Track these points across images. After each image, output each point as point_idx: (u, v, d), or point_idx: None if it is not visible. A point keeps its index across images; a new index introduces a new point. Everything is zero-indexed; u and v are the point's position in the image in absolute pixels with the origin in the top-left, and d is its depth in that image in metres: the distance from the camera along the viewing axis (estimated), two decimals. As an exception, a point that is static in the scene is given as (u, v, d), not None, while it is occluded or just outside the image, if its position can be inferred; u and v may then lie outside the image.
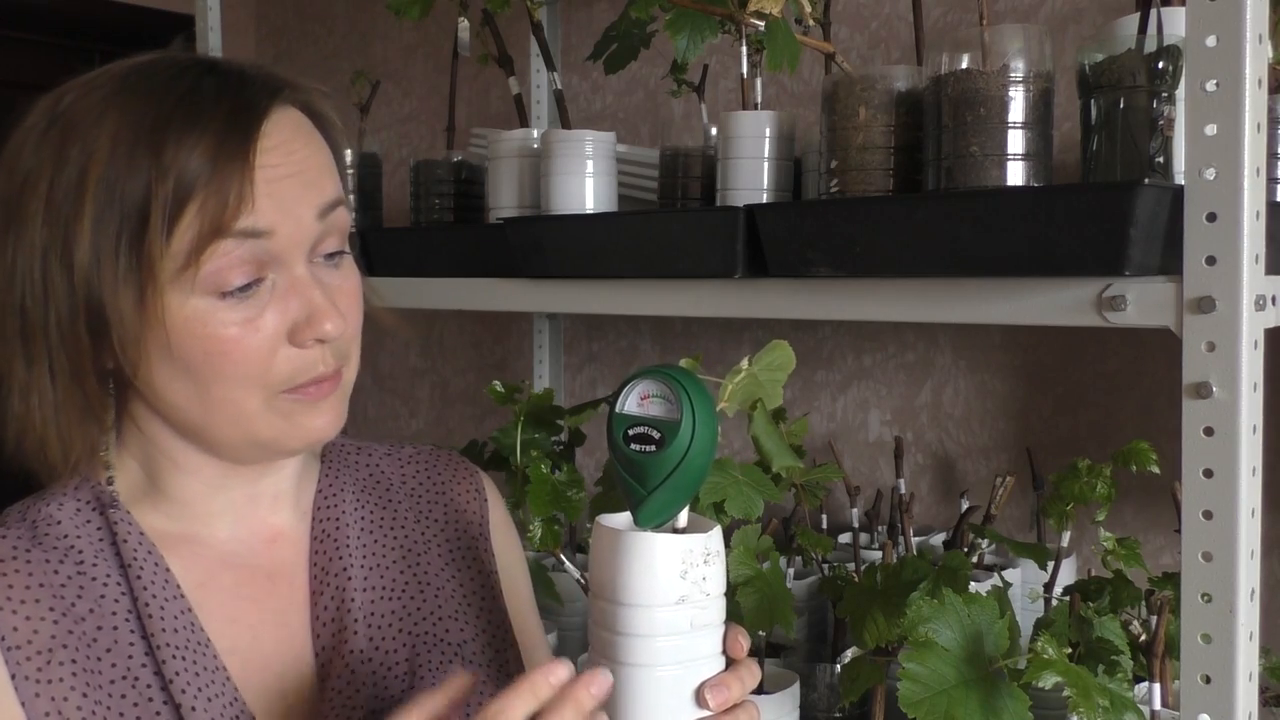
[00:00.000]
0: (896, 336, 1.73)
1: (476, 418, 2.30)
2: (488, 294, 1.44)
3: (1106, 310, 0.91)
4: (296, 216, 0.77)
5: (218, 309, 0.75)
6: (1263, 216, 0.85)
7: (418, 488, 0.96)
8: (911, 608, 0.98)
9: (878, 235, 1.04)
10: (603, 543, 0.71)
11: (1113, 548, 1.18)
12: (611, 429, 0.71)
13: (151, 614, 0.77)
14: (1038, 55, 1.02)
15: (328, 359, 0.79)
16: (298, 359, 0.78)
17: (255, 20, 2.67)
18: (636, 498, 0.70)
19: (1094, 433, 1.57)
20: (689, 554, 0.70)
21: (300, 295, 0.77)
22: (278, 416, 0.79)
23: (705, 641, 0.71)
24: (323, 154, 0.81)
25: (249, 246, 0.74)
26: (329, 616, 0.84)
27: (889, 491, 1.65)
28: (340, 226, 0.81)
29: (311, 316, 0.77)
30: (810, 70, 1.75)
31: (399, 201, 2.10)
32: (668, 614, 0.69)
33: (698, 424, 0.69)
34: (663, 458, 0.68)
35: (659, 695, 0.70)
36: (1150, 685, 1.09)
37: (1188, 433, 0.85)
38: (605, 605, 0.71)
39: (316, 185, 0.79)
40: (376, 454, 0.97)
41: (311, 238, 0.78)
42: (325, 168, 0.81)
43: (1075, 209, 0.92)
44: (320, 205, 0.78)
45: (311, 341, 0.78)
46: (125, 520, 0.80)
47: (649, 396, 0.70)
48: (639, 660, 0.69)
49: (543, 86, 1.97)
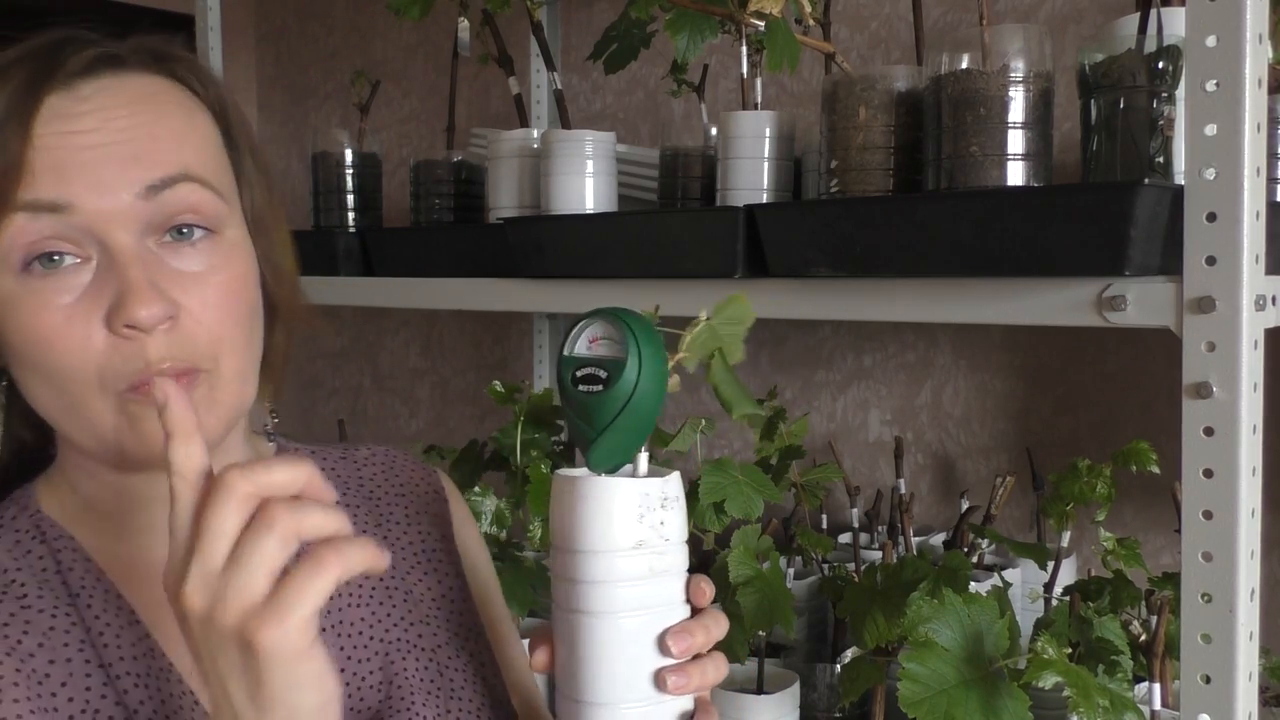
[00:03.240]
0: (896, 336, 1.73)
1: (476, 418, 2.30)
2: (488, 294, 1.44)
3: (1106, 310, 0.91)
4: (108, 191, 0.68)
5: (29, 290, 0.68)
6: (1263, 216, 0.85)
7: (375, 490, 0.90)
8: (911, 608, 0.98)
9: (878, 235, 1.04)
10: (559, 490, 0.70)
11: (1113, 548, 1.18)
12: (560, 372, 0.69)
13: (107, 643, 0.71)
14: (1038, 55, 1.02)
15: (159, 354, 0.68)
16: (124, 351, 0.68)
17: (255, 20, 2.67)
18: (587, 440, 0.69)
19: (1094, 433, 1.57)
20: (645, 497, 0.69)
21: (116, 275, 0.68)
22: (125, 420, 0.70)
23: (665, 588, 0.70)
24: (164, 126, 0.72)
25: (48, 222, 0.67)
26: None
27: (889, 491, 1.65)
28: (192, 204, 0.71)
29: (122, 296, 0.67)
30: (810, 70, 1.75)
31: (399, 201, 2.10)
32: (625, 560, 0.68)
33: (644, 361, 0.67)
34: (609, 397, 0.67)
35: (620, 643, 0.68)
36: (1150, 685, 1.09)
37: (1188, 433, 0.85)
38: (563, 554, 0.69)
39: (140, 159, 0.70)
40: (331, 457, 0.91)
41: (138, 216, 0.69)
42: (164, 142, 0.71)
43: (1075, 209, 0.92)
44: (144, 182, 0.69)
45: (128, 329, 0.68)
46: (69, 547, 0.74)
47: (598, 339, 0.69)
48: (598, 608, 0.68)
49: (543, 86, 1.97)
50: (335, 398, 2.57)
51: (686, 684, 0.69)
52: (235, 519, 0.57)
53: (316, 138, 1.78)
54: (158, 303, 0.68)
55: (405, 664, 0.81)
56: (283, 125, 2.64)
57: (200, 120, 0.75)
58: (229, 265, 0.73)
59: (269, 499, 0.57)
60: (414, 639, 0.83)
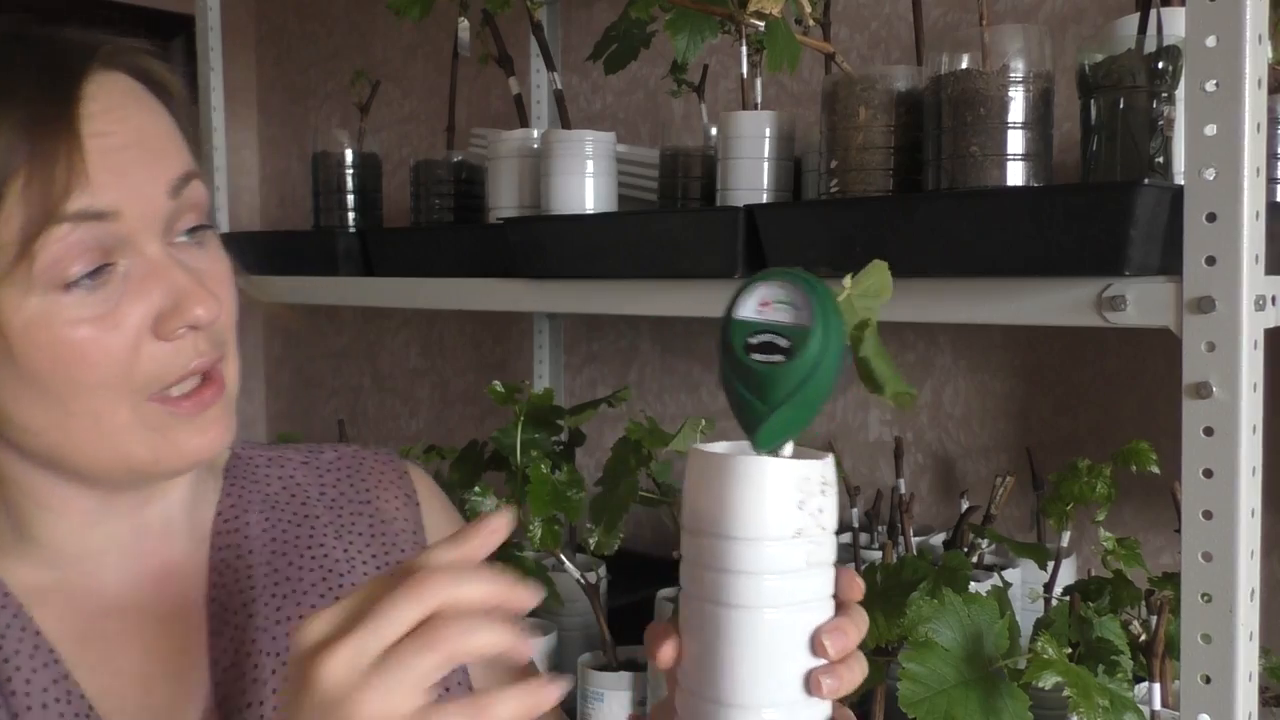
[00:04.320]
0: (896, 336, 1.73)
1: (476, 418, 2.30)
2: (488, 294, 1.44)
3: (1106, 310, 0.91)
4: (144, 193, 0.66)
5: (63, 306, 0.64)
6: (1263, 216, 0.85)
7: (339, 498, 0.85)
8: (911, 608, 0.98)
9: (878, 235, 1.04)
10: (706, 469, 0.62)
11: (1113, 548, 1.17)
12: (729, 337, 0.61)
13: (15, 690, 0.66)
14: (1038, 55, 1.02)
15: (201, 347, 0.68)
16: (166, 354, 0.67)
17: (255, 20, 2.67)
18: (757, 416, 0.61)
19: (1094, 433, 1.57)
20: (806, 481, 0.62)
21: (161, 280, 0.66)
22: (150, 431, 0.68)
23: (819, 581, 0.63)
24: (163, 122, 0.70)
25: (90, 230, 0.64)
26: (228, 661, 0.73)
27: (889, 491, 1.65)
28: (197, 202, 0.70)
29: (180, 301, 0.66)
30: (810, 70, 1.75)
31: (399, 201, 2.09)
32: (782, 549, 0.61)
33: (830, 330, 0.61)
34: (792, 368, 0.60)
35: (768, 640, 0.61)
36: (1150, 685, 1.09)
37: (1188, 433, 0.85)
38: (707, 539, 0.61)
39: (163, 156, 0.68)
40: (291, 463, 0.86)
41: (164, 216, 0.68)
42: (168, 136, 0.70)
43: (1075, 209, 0.92)
44: (171, 179, 0.68)
45: (182, 330, 0.67)
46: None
47: (771, 303, 0.62)
48: (747, 601, 0.60)
49: (543, 86, 1.97)
50: (335, 398, 2.57)
51: (838, 687, 0.62)
52: (416, 613, 0.53)
53: (316, 138, 1.78)
54: (213, 300, 0.68)
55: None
56: (283, 125, 2.64)
57: (168, 114, 0.72)
58: (222, 256, 0.74)
59: (453, 608, 0.54)
60: None
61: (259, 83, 2.68)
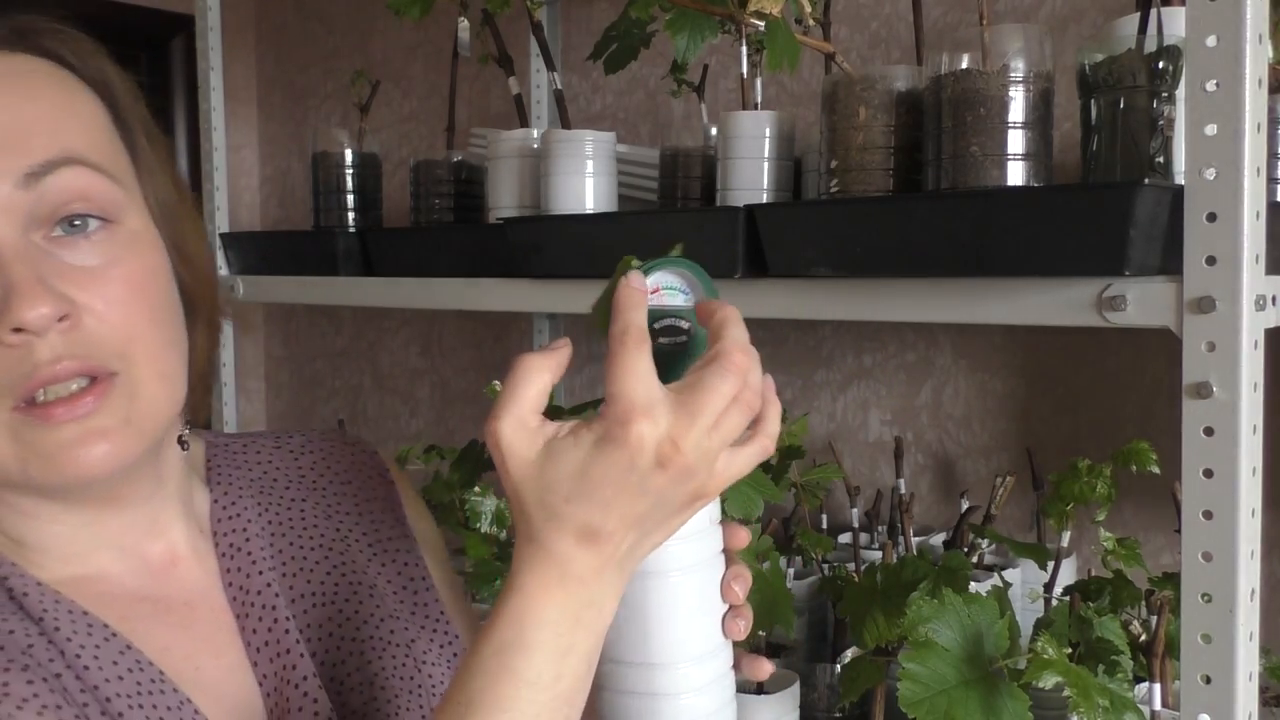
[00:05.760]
0: (896, 336, 1.73)
1: (476, 418, 2.30)
2: (488, 294, 1.44)
3: (1106, 310, 0.91)
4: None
5: None
6: (1263, 216, 0.85)
7: (319, 480, 0.84)
8: (911, 608, 0.98)
9: (878, 235, 1.04)
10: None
11: (1113, 548, 1.18)
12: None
13: (87, 665, 0.64)
14: (1038, 55, 1.02)
15: (53, 352, 0.62)
16: (6, 359, 0.61)
17: (255, 20, 2.67)
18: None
19: (1094, 433, 1.57)
20: None
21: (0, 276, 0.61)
22: (14, 441, 0.62)
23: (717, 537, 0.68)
24: (38, 107, 0.65)
25: None
26: (261, 641, 0.73)
27: (889, 491, 1.65)
28: (78, 190, 0.64)
29: (5, 299, 0.60)
30: (810, 70, 1.75)
31: (399, 201, 2.10)
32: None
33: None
34: (695, 343, 0.65)
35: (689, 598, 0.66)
36: (1150, 685, 1.09)
37: (1188, 433, 0.85)
38: None
39: (15, 145, 0.63)
40: (265, 448, 0.85)
41: (19, 207, 0.63)
42: (40, 124, 0.65)
43: (1075, 209, 0.92)
44: (21, 169, 0.63)
45: (12, 335, 0.61)
46: (15, 573, 0.67)
47: (660, 289, 0.67)
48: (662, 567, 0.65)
49: (543, 86, 1.97)
50: (335, 398, 2.57)
51: (748, 627, 0.67)
52: (735, 389, 0.59)
53: (316, 138, 1.78)
54: (46, 302, 0.61)
55: (383, 663, 0.77)
56: (283, 125, 2.64)
57: (82, 99, 0.68)
58: (132, 257, 0.66)
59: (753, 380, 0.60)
60: (386, 635, 0.78)
61: (259, 82, 2.68)
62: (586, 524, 0.58)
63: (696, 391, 0.58)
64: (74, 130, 0.66)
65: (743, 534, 0.69)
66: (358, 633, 0.77)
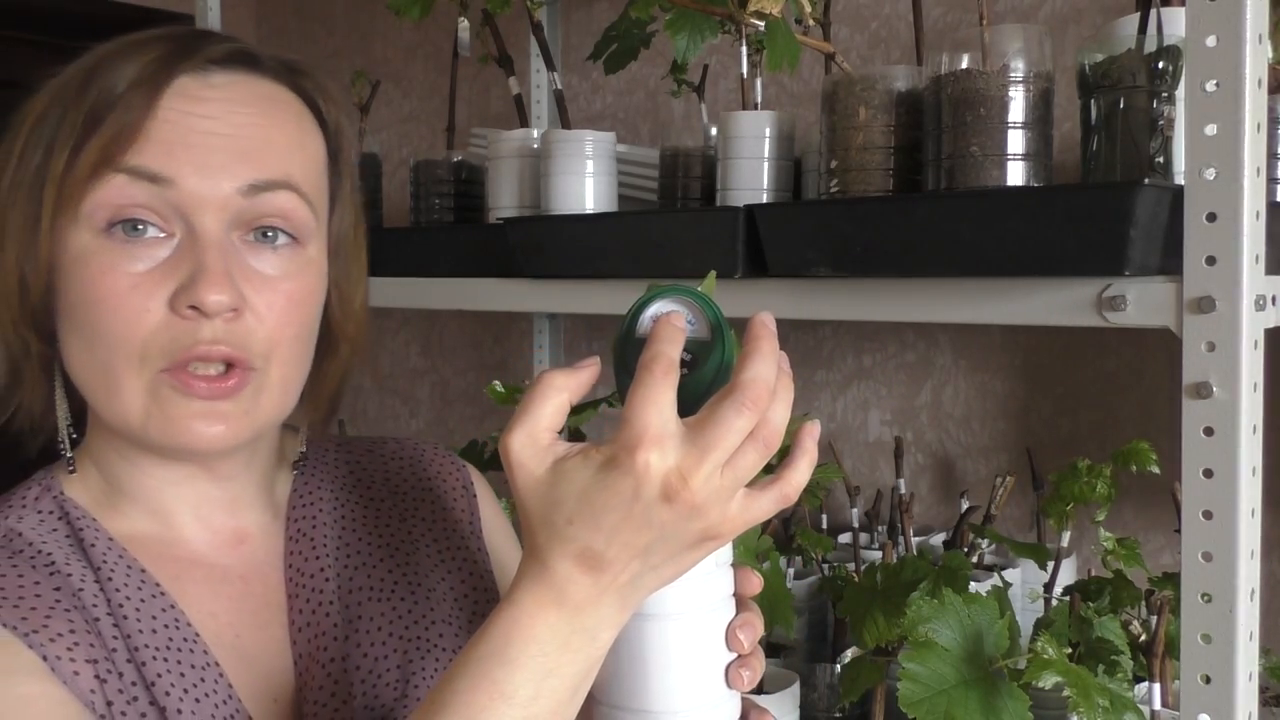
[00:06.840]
0: (896, 336, 1.73)
1: (476, 418, 2.30)
2: (488, 294, 1.44)
3: (1106, 310, 0.91)
4: (210, 177, 0.70)
5: (103, 248, 0.69)
6: (1263, 216, 0.85)
7: (401, 484, 0.89)
8: (911, 608, 0.98)
9: (878, 235, 1.04)
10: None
11: (1113, 548, 1.18)
12: (626, 356, 0.63)
13: (127, 615, 0.70)
14: (1038, 55, 1.02)
15: (214, 335, 0.69)
16: (175, 328, 0.69)
17: (255, 20, 2.67)
18: None
19: (1094, 433, 1.57)
20: None
21: (195, 257, 0.69)
22: (152, 400, 0.70)
23: (725, 580, 0.65)
24: (284, 135, 0.74)
25: (146, 190, 0.69)
26: (304, 620, 0.78)
27: (889, 491, 1.65)
28: (282, 211, 0.73)
29: (195, 277, 0.68)
30: (810, 70, 1.75)
31: (399, 201, 2.10)
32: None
33: (729, 341, 0.62)
34: (697, 378, 0.62)
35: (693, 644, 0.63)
36: (1150, 685, 1.09)
37: (1188, 433, 0.85)
38: None
39: (251, 157, 0.72)
40: (357, 451, 0.91)
41: (230, 209, 0.71)
42: (277, 147, 0.73)
43: (1075, 209, 0.92)
44: (248, 179, 0.71)
45: (188, 309, 0.68)
46: (91, 526, 0.74)
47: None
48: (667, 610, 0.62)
49: (543, 86, 1.97)
50: (335, 398, 2.57)
51: (755, 678, 0.65)
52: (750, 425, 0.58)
53: (316, 138, 1.78)
54: (226, 292, 0.69)
55: (424, 664, 0.79)
56: (283, 125, 2.64)
57: (314, 137, 0.78)
58: (301, 277, 0.74)
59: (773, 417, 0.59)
60: (434, 639, 0.81)
61: (259, 83, 2.68)
62: (587, 548, 0.58)
63: (708, 425, 0.57)
64: (299, 161, 0.75)
65: (755, 579, 0.68)
66: (407, 631, 0.80)
